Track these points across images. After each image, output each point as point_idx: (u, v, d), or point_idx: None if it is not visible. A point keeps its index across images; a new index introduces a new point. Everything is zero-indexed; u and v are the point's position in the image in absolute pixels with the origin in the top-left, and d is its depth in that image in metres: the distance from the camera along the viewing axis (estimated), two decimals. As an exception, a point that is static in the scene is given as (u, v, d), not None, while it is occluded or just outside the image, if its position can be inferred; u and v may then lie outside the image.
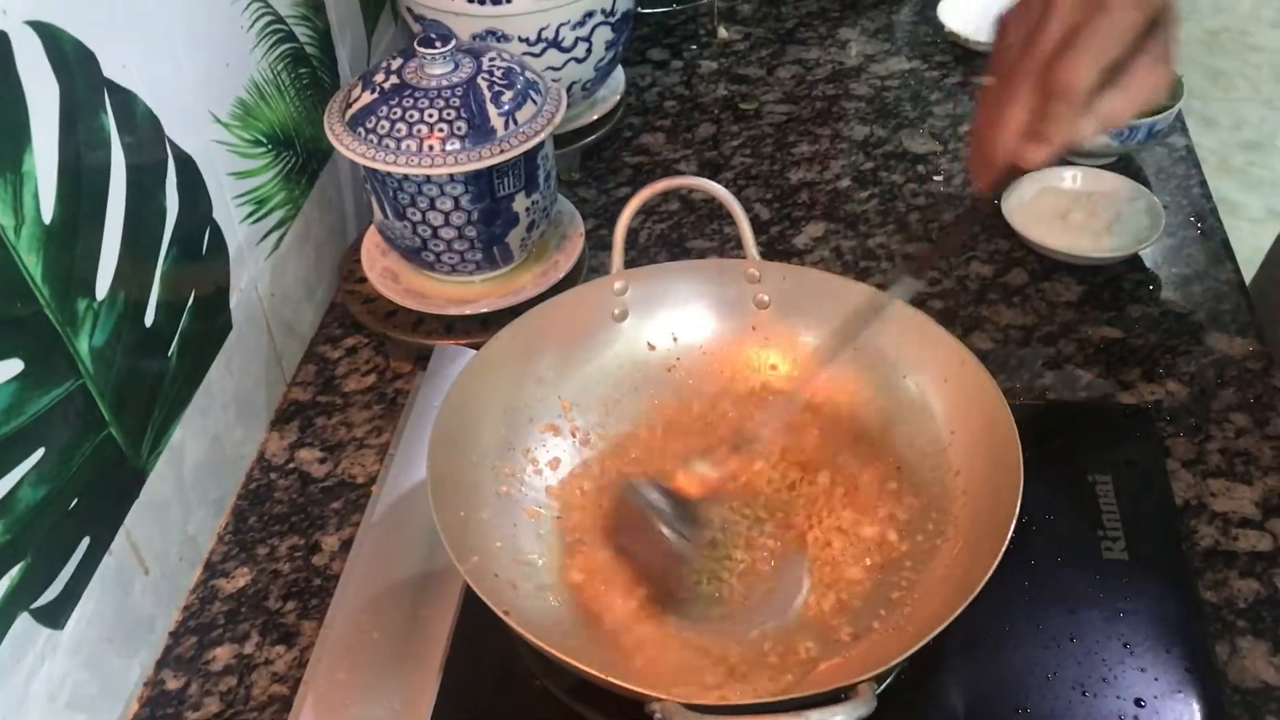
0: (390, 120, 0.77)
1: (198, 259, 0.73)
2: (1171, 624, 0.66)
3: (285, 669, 0.68)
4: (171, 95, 0.68)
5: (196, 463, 0.73)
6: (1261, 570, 0.70)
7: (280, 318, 0.84)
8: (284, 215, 0.84)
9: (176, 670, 0.68)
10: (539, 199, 0.84)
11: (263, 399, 0.82)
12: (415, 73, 0.79)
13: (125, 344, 0.64)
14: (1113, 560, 0.69)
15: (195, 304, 0.72)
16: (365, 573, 0.70)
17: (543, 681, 0.64)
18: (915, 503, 0.68)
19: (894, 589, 0.64)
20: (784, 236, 0.98)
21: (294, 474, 0.80)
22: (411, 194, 0.79)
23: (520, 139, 0.78)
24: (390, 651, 0.66)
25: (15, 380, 0.55)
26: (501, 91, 0.79)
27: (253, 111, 0.78)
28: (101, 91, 0.61)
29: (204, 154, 0.72)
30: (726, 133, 1.10)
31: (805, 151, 1.07)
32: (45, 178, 0.56)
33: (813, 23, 1.27)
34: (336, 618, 0.68)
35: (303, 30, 0.86)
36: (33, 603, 0.57)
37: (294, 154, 0.85)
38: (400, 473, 0.75)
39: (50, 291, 0.57)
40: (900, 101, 1.13)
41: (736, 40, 1.25)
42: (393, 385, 0.86)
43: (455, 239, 0.82)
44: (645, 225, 0.99)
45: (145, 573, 0.67)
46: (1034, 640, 0.65)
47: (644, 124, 1.12)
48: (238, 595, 0.72)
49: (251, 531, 0.76)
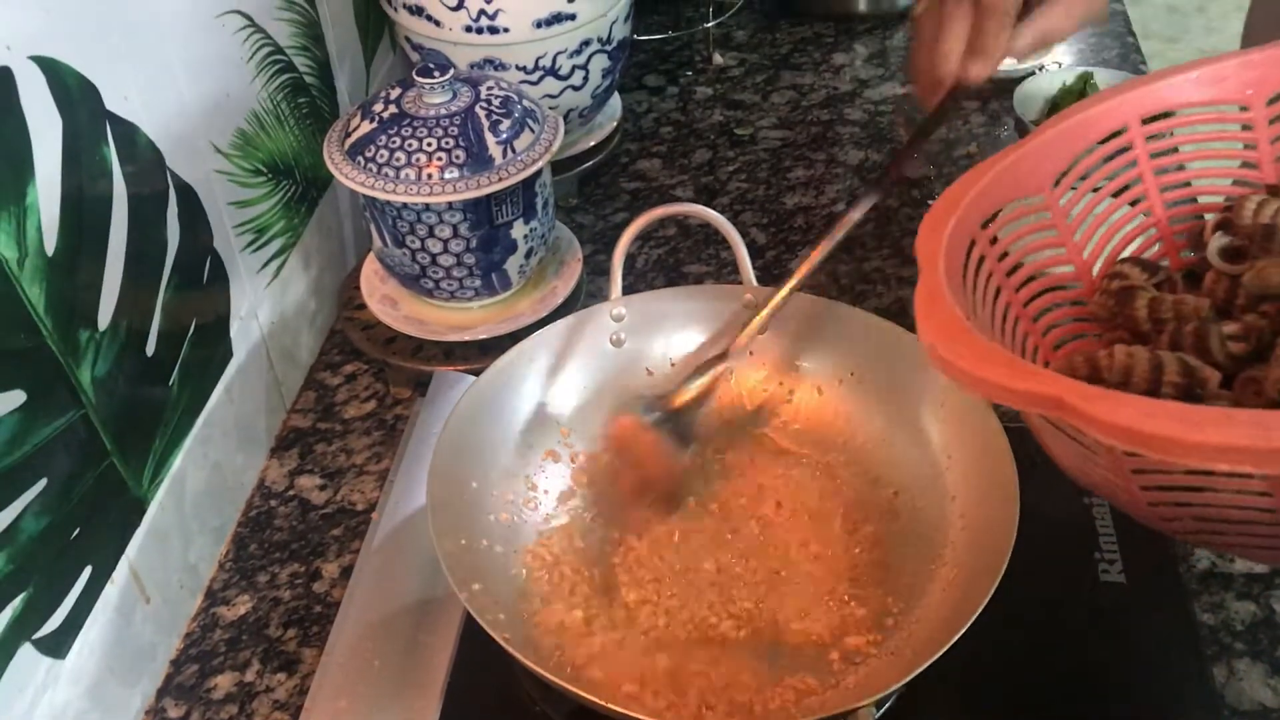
0: (389, 149, 0.78)
1: (198, 288, 0.73)
2: (1168, 646, 0.66)
3: (286, 696, 0.68)
4: (172, 126, 0.68)
5: (197, 491, 0.73)
6: (1258, 592, 0.70)
7: (280, 345, 0.84)
8: (284, 243, 0.85)
9: (178, 699, 0.68)
10: (537, 226, 0.84)
11: (263, 426, 0.83)
12: (414, 102, 0.80)
13: (127, 374, 0.64)
14: (1110, 583, 0.69)
15: (196, 333, 0.72)
16: (366, 600, 0.70)
17: (543, 708, 0.65)
18: (912, 527, 0.68)
19: (889, 614, 0.65)
20: (780, 261, 0.98)
21: (294, 501, 0.80)
22: (410, 222, 0.80)
23: (518, 167, 0.79)
24: (391, 679, 0.66)
25: (18, 411, 0.55)
26: (499, 120, 0.80)
27: (253, 141, 0.79)
28: (103, 123, 0.62)
29: (204, 184, 0.73)
30: (722, 158, 1.11)
31: (801, 176, 1.08)
32: (48, 210, 0.57)
33: (807, 48, 1.28)
34: (337, 645, 0.68)
35: (302, 60, 0.87)
36: (35, 633, 0.58)
37: (294, 183, 0.86)
38: (400, 499, 0.76)
39: (53, 323, 0.57)
40: (895, 126, 1.14)
41: (732, 66, 1.26)
42: (392, 411, 0.86)
43: (454, 266, 0.82)
44: (643, 250, 1.00)
45: (146, 601, 0.67)
46: (1031, 663, 0.66)
47: (641, 150, 1.13)
48: (239, 623, 0.72)
49: (252, 559, 0.76)
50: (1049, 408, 0.36)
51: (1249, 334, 0.47)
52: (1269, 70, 0.55)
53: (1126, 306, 0.53)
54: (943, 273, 0.46)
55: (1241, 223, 0.53)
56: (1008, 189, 0.54)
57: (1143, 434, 0.34)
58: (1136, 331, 0.53)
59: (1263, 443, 0.32)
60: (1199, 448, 0.33)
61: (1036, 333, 0.56)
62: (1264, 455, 0.32)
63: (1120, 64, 1.20)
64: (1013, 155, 0.55)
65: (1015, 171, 0.55)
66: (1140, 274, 0.55)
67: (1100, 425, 0.35)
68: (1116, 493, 0.44)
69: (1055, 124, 0.56)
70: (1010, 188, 0.54)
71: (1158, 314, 0.52)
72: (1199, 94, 0.56)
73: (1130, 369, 0.46)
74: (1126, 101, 0.56)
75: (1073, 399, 0.36)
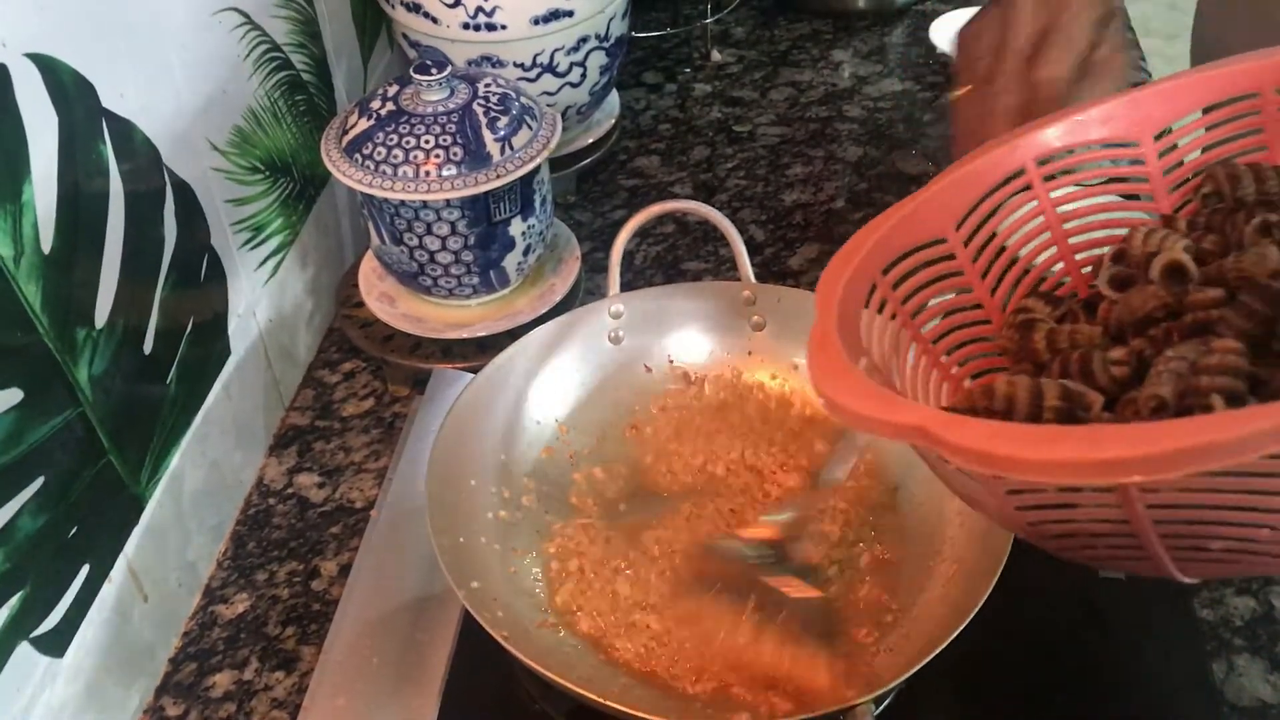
0: (387, 146, 0.78)
1: (196, 286, 0.73)
2: (1168, 642, 0.66)
3: (285, 695, 0.68)
4: (169, 124, 0.68)
5: (195, 489, 0.73)
6: (1258, 588, 0.70)
7: (278, 343, 0.84)
8: (281, 241, 0.84)
9: (176, 697, 0.68)
10: (535, 223, 0.84)
11: (261, 424, 0.83)
12: (411, 99, 0.80)
13: (124, 372, 0.64)
14: (1109, 579, 0.69)
15: (194, 331, 0.72)
16: (364, 598, 0.70)
17: (541, 705, 0.65)
18: (911, 524, 0.68)
19: (888, 610, 0.64)
20: (779, 258, 0.98)
21: (292, 499, 0.80)
22: (408, 219, 0.80)
23: (516, 164, 0.79)
24: (389, 676, 0.66)
25: (15, 409, 0.55)
26: (497, 117, 0.79)
27: (250, 139, 0.79)
28: (100, 121, 0.62)
29: (201, 181, 0.73)
30: (721, 155, 1.11)
31: (799, 173, 1.08)
32: (44, 208, 0.56)
33: (805, 45, 1.28)
34: (336, 643, 0.68)
35: (299, 57, 0.86)
36: (32, 631, 0.58)
37: (291, 180, 0.86)
38: (399, 497, 0.76)
39: (49, 320, 0.57)
40: (893, 123, 1.14)
41: (730, 63, 1.25)
42: (390, 409, 0.86)
43: (452, 263, 0.82)
44: (641, 248, 1.00)
45: (144, 600, 0.67)
46: (1030, 660, 0.66)
47: (639, 147, 1.13)
48: (237, 621, 0.72)
49: (250, 557, 0.76)
50: (916, 437, 0.40)
51: (1131, 358, 0.50)
52: (1154, 108, 0.58)
53: (1027, 339, 0.55)
54: (835, 319, 0.49)
55: (1132, 252, 0.55)
56: (909, 235, 0.57)
57: (990, 454, 0.37)
58: (1038, 362, 0.55)
59: (1091, 455, 0.35)
60: (1037, 464, 0.36)
61: (946, 369, 0.59)
62: (1092, 467, 0.35)
63: (1119, 60, 1.20)
64: (912, 204, 0.57)
65: (915, 218, 0.57)
66: (1044, 307, 0.57)
67: (953, 449, 0.38)
68: (1001, 516, 0.47)
69: (953, 171, 0.59)
70: (911, 233, 0.57)
71: (1055, 344, 0.54)
72: (1091, 134, 0.59)
73: (1013, 397, 0.48)
74: (1020, 146, 0.59)
75: (932, 427, 0.39)
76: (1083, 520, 0.43)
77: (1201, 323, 0.48)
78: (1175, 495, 0.39)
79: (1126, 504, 0.40)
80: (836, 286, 0.52)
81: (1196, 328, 0.48)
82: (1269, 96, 0.57)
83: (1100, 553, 0.46)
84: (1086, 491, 0.41)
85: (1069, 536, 0.45)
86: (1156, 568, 0.44)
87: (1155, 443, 0.34)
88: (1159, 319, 0.50)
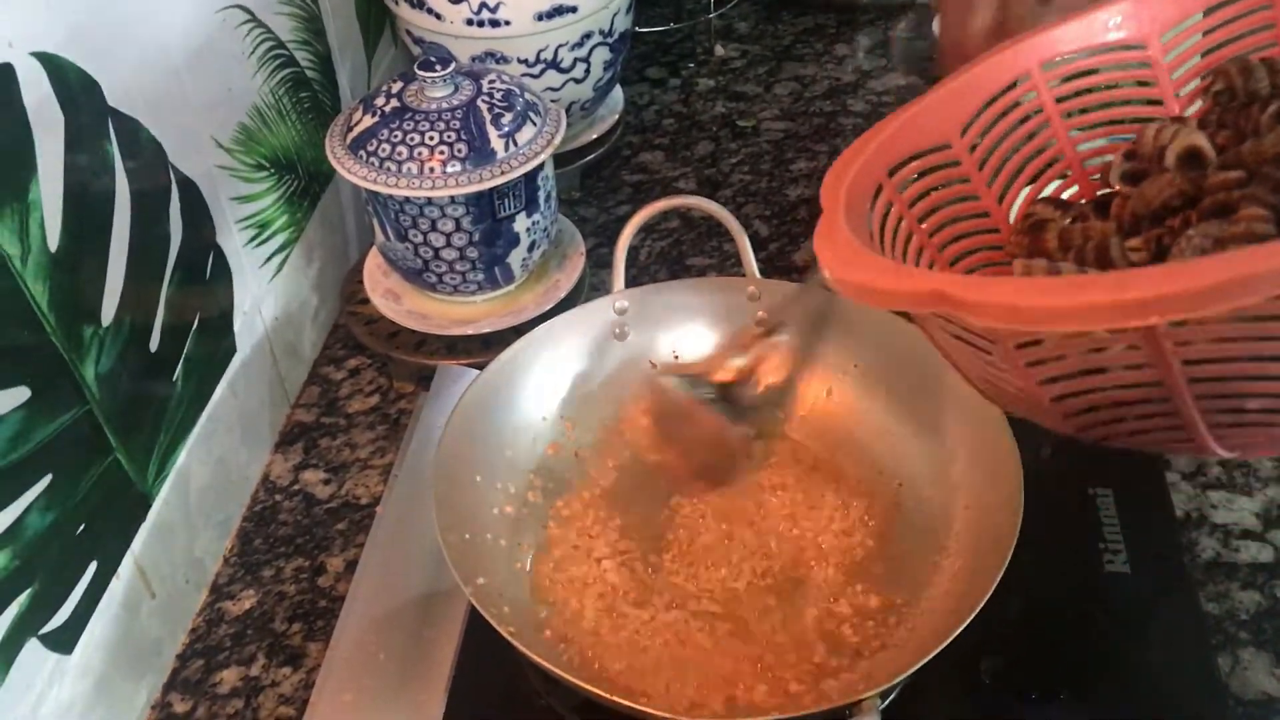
0: (391, 143, 0.78)
1: (201, 283, 0.73)
2: (1173, 636, 0.66)
3: (292, 691, 0.68)
4: (174, 122, 0.68)
5: (202, 486, 0.73)
6: (1263, 582, 0.70)
7: (283, 340, 0.84)
8: (287, 238, 0.85)
9: (184, 693, 0.69)
10: (540, 219, 0.84)
11: (267, 421, 0.83)
12: (415, 96, 0.80)
13: (131, 369, 0.64)
14: (1114, 573, 0.69)
15: (199, 328, 0.72)
16: (370, 594, 0.70)
17: (548, 701, 0.65)
18: (916, 519, 0.68)
19: (894, 605, 0.65)
20: (783, 253, 0.98)
21: (298, 496, 0.80)
22: (413, 216, 0.80)
23: (520, 160, 0.79)
24: (396, 672, 0.66)
25: (22, 408, 0.55)
26: (501, 113, 0.79)
27: (255, 136, 0.79)
28: (105, 120, 0.62)
29: (207, 179, 0.73)
30: (725, 150, 1.11)
31: (803, 168, 1.08)
32: (50, 206, 0.57)
33: (809, 39, 1.28)
34: (342, 639, 0.68)
35: (304, 55, 0.86)
36: (41, 628, 0.58)
37: (296, 177, 0.86)
38: (404, 493, 0.76)
39: (56, 319, 0.58)
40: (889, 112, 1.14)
41: (734, 58, 1.25)
42: (396, 406, 0.86)
43: (457, 260, 0.82)
44: (645, 243, 1.00)
45: (152, 596, 0.68)
46: (1036, 654, 0.65)
47: (643, 142, 1.13)
48: (244, 617, 0.73)
49: (257, 554, 0.76)
50: (933, 302, 0.38)
51: (1149, 244, 0.48)
52: (1160, 9, 0.57)
53: (1038, 240, 0.54)
54: (843, 211, 0.48)
55: (1143, 149, 0.53)
56: (913, 138, 0.56)
57: (1016, 308, 0.36)
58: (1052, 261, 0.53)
59: (1119, 296, 0.33)
60: (1066, 311, 0.35)
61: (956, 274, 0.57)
62: (1122, 308, 0.33)
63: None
64: (915, 108, 0.56)
65: (918, 123, 0.56)
66: (1054, 211, 0.56)
67: (976, 308, 0.37)
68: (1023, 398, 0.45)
69: (956, 77, 0.58)
70: (915, 137, 0.56)
71: (1068, 242, 0.53)
72: (1096, 37, 0.58)
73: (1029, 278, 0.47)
74: (1024, 50, 0.58)
75: (951, 289, 0.37)
76: (1111, 387, 0.41)
77: (1222, 204, 0.46)
78: (1209, 347, 0.38)
79: (1159, 358, 0.38)
80: (841, 184, 0.51)
81: (1217, 209, 0.46)
82: None
83: (1128, 425, 0.43)
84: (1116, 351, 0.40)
85: (1096, 410, 0.43)
86: (1191, 437, 0.42)
87: (1185, 279, 0.32)
88: (1177, 207, 0.48)
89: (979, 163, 0.58)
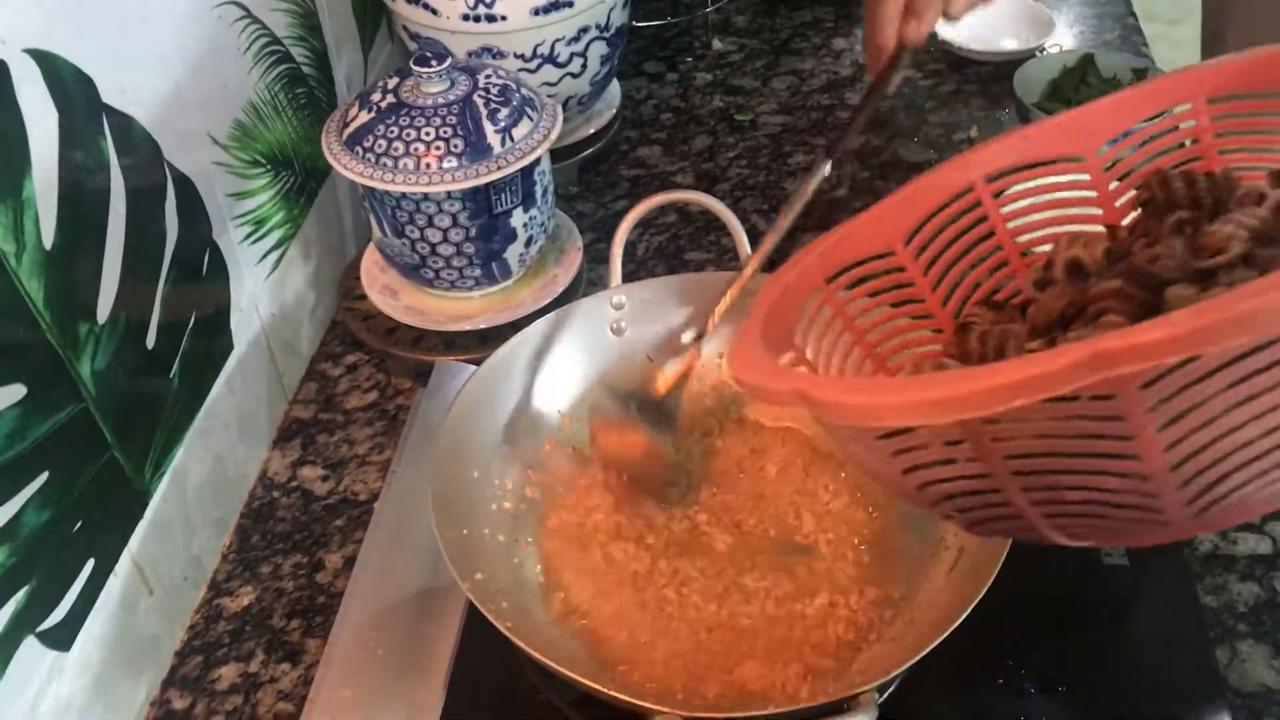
0: (388, 139, 0.78)
1: (198, 280, 0.73)
2: (1172, 629, 0.66)
3: (290, 687, 0.68)
4: (169, 118, 0.68)
5: (199, 483, 0.73)
6: (1261, 574, 0.70)
7: (281, 336, 0.84)
8: (283, 235, 0.84)
9: (182, 690, 0.69)
10: (537, 214, 0.84)
11: (264, 418, 0.83)
12: (412, 91, 0.79)
13: (127, 367, 0.64)
14: (1113, 565, 0.69)
15: (196, 325, 0.72)
16: (369, 590, 0.70)
17: (546, 695, 0.65)
18: (914, 513, 0.68)
19: (892, 599, 0.65)
20: (781, 247, 0.97)
21: (297, 492, 0.80)
22: (410, 212, 0.80)
23: (517, 155, 0.79)
24: (395, 668, 0.66)
25: (18, 405, 0.55)
26: (498, 108, 0.79)
27: (251, 132, 0.79)
28: (100, 116, 0.62)
29: (203, 176, 0.73)
30: (722, 144, 1.11)
31: (801, 162, 1.08)
32: (45, 203, 0.56)
33: (807, 33, 1.28)
34: (341, 635, 0.68)
35: (299, 50, 0.86)
36: (39, 625, 0.58)
37: (292, 174, 0.86)
38: (402, 489, 0.76)
39: (52, 316, 0.57)
40: (895, 111, 1.14)
41: (731, 52, 1.25)
42: (394, 402, 0.86)
43: (454, 255, 0.82)
44: (643, 238, 0.99)
45: (150, 593, 0.68)
46: (1034, 647, 0.66)
47: (640, 137, 1.12)
48: (242, 614, 0.73)
49: (255, 550, 0.76)
50: (796, 399, 0.43)
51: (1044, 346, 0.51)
52: (1096, 122, 0.61)
53: (963, 341, 0.57)
54: (762, 319, 0.54)
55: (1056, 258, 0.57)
56: (854, 248, 0.61)
57: (845, 404, 0.41)
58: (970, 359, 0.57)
59: (925, 395, 0.38)
60: (881, 408, 0.39)
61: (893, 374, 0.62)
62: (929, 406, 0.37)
63: (1121, 46, 1.19)
64: (856, 222, 0.61)
65: (860, 234, 0.61)
66: (987, 314, 0.59)
67: (819, 404, 0.42)
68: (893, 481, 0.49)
69: (903, 189, 0.62)
70: (857, 247, 0.61)
71: (987, 342, 0.56)
72: (1037, 151, 0.62)
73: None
74: (970, 164, 0.62)
75: (807, 388, 0.42)
76: (957, 478, 0.45)
77: (1099, 311, 0.50)
78: (1030, 443, 0.41)
79: (982, 451, 0.42)
80: (776, 289, 0.57)
81: (1095, 317, 0.50)
82: (1200, 107, 0.59)
83: (979, 514, 0.47)
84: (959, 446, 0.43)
85: (951, 498, 0.47)
86: (1033, 526, 0.45)
87: (978, 380, 0.36)
88: (1073, 315, 0.52)
89: (924, 268, 0.62)
